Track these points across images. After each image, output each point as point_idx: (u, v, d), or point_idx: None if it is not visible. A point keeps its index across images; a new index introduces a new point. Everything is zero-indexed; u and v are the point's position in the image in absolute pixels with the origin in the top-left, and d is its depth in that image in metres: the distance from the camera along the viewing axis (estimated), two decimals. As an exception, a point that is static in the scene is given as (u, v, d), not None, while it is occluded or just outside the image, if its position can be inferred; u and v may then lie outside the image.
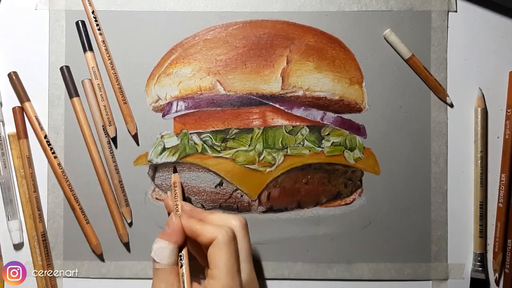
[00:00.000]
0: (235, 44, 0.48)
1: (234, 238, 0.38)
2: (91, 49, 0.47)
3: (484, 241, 0.47)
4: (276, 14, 0.48)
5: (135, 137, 0.48)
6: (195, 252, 0.41)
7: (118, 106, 0.47)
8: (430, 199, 0.48)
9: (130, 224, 0.48)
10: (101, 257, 0.48)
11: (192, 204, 0.48)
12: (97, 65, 0.47)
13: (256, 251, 0.48)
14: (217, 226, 0.38)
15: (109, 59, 0.47)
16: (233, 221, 0.39)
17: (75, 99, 0.47)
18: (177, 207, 0.42)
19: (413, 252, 0.48)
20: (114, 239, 0.47)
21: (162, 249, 0.38)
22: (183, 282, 0.37)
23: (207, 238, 0.37)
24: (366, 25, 0.48)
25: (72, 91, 0.47)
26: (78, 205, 0.47)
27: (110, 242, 0.48)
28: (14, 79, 0.47)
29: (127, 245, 0.47)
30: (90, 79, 0.47)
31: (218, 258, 0.36)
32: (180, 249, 0.39)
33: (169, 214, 0.45)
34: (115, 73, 0.47)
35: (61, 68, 0.47)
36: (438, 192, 0.48)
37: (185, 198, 0.48)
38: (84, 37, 0.47)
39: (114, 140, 0.48)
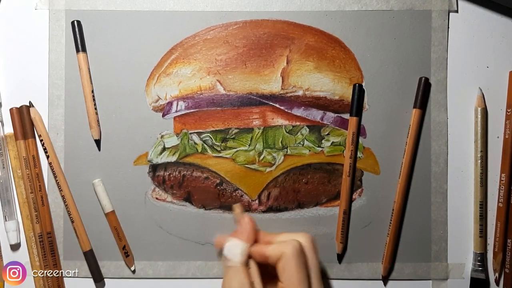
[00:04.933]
0: (235, 44, 0.48)
1: (301, 251, 0.38)
2: (84, 50, 0.47)
3: (484, 241, 0.47)
4: (276, 13, 0.48)
5: (98, 143, 0.48)
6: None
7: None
8: (430, 199, 0.48)
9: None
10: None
11: (193, 204, 0.48)
12: (88, 67, 0.47)
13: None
14: (283, 242, 0.38)
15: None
16: (300, 238, 0.39)
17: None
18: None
19: (413, 252, 0.48)
20: (113, 240, 0.47)
21: (234, 247, 0.39)
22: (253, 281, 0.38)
23: (275, 256, 0.38)
24: (367, 24, 0.48)
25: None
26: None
27: (109, 243, 0.47)
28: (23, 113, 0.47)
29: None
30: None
31: (287, 270, 0.37)
32: None
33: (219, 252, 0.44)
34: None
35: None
36: (438, 192, 0.48)
37: (189, 199, 0.48)
38: (78, 38, 0.47)
39: (98, 142, 0.48)
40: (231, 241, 0.39)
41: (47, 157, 0.47)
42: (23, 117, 0.47)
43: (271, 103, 0.48)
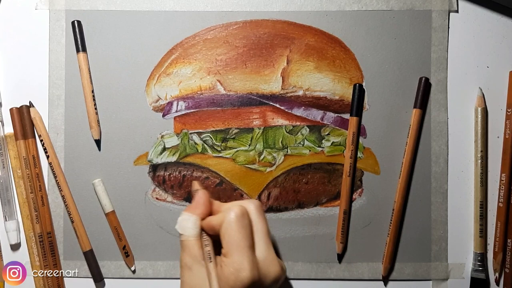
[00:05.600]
0: (235, 44, 0.48)
1: (242, 216, 0.38)
2: (84, 50, 0.47)
3: (484, 241, 0.47)
4: (276, 13, 0.48)
5: (98, 143, 0.48)
6: None
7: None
8: (430, 199, 0.48)
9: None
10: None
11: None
12: (88, 67, 0.47)
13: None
14: (226, 210, 0.38)
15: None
16: (246, 204, 0.40)
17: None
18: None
19: (413, 252, 0.48)
20: (113, 240, 0.47)
21: (185, 221, 0.39)
22: (208, 253, 0.38)
23: (218, 224, 0.38)
24: (367, 24, 0.48)
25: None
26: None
27: (109, 243, 0.47)
28: (23, 113, 0.47)
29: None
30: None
31: (227, 236, 0.37)
32: None
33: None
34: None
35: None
36: (438, 192, 0.48)
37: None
38: (78, 38, 0.47)
39: (98, 142, 0.48)
40: (182, 215, 0.40)
41: (47, 157, 0.47)
42: (23, 117, 0.47)
43: (271, 103, 0.47)
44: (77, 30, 0.47)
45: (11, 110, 0.47)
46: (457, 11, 0.48)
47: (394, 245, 0.47)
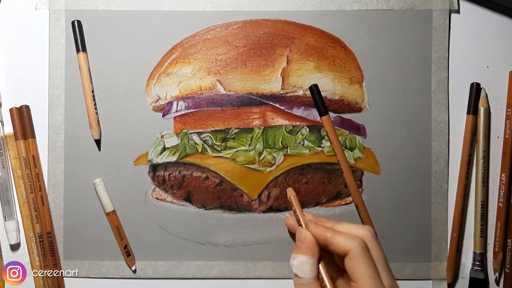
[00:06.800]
0: (235, 44, 0.48)
1: (367, 248, 0.38)
2: (84, 50, 0.47)
3: (484, 241, 0.47)
4: (276, 13, 0.48)
5: (98, 142, 0.48)
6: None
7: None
8: (430, 199, 0.48)
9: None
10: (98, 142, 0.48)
11: (193, 204, 0.48)
12: (88, 67, 0.47)
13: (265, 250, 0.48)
14: (348, 236, 0.38)
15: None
16: (361, 231, 0.39)
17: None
18: (299, 221, 0.41)
19: (413, 251, 0.48)
20: (113, 240, 0.47)
21: (303, 264, 0.38)
22: None
23: (340, 249, 0.37)
24: (367, 24, 0.48)
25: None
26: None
27: (110, 243, 0.47)
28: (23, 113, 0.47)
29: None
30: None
31: (359, 270, 0.36)
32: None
33: (290, 233, 0.47)
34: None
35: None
36: (438, 192, 0.48)
37: (189, 199, 0.48)
38: (78, 38, 0.47)
39: (98, 142, 0.48)
40: (298, 258, 0.38)
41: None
42: (23, 117, 0.47)
43: (271, 103, 0.47)
44: (77, 30, 0.47)
45: (11, 110, 0.47)
46: (457, 11, 0.48)
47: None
